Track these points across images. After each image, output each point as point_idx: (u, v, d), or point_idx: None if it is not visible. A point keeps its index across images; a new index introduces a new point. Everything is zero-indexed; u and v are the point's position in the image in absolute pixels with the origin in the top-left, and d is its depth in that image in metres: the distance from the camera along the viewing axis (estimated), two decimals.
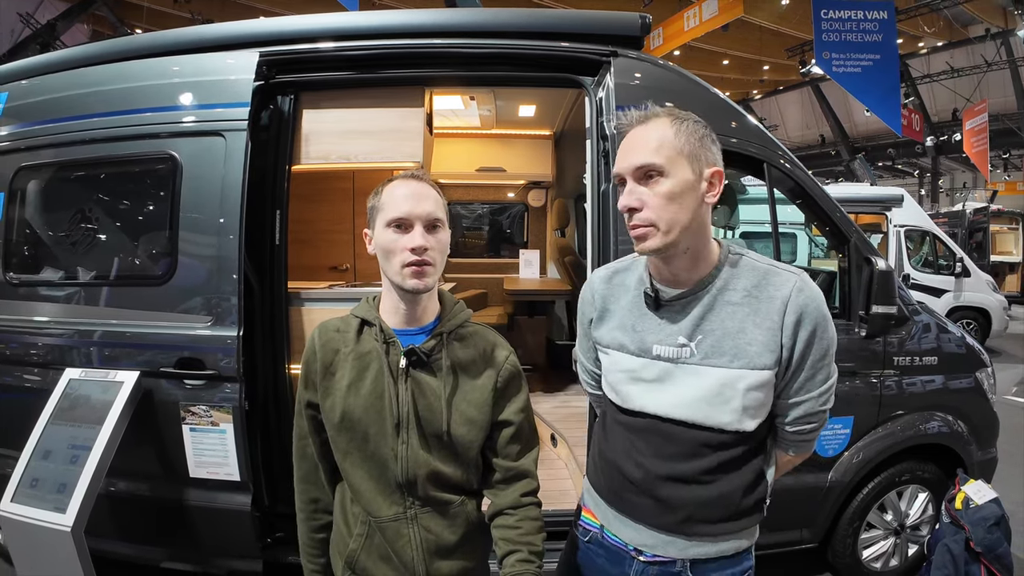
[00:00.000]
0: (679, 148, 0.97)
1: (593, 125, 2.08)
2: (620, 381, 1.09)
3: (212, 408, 1.96)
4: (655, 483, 1.06)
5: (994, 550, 2.24)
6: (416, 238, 1.04)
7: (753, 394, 0.99)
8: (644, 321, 1.06)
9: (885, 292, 2.08)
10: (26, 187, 2.25)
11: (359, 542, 1.12)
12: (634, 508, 1.09)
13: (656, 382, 1.04)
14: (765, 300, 1.00)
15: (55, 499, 1.80)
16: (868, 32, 8.60)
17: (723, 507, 1.04)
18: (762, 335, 0.99)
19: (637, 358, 1.06)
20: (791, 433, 1.07)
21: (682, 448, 1.03)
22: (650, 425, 1.06)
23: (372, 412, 1.09)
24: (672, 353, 1.03)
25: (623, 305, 1.11)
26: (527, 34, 2.10)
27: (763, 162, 2.16)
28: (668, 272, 1.04)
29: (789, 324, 0.98)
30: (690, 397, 1.01)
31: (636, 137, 1.00)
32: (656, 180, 0.97)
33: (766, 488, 1.09)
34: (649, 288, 1.05)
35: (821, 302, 1.01)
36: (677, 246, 0.99)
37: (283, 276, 2.11)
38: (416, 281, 1.05)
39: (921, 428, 2.32)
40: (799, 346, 0.99)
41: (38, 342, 2.15)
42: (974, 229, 11.42)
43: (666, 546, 1.06)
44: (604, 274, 1.16)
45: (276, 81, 2.10)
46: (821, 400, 1.04)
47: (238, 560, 2.12)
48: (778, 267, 1.03)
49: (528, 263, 4.42)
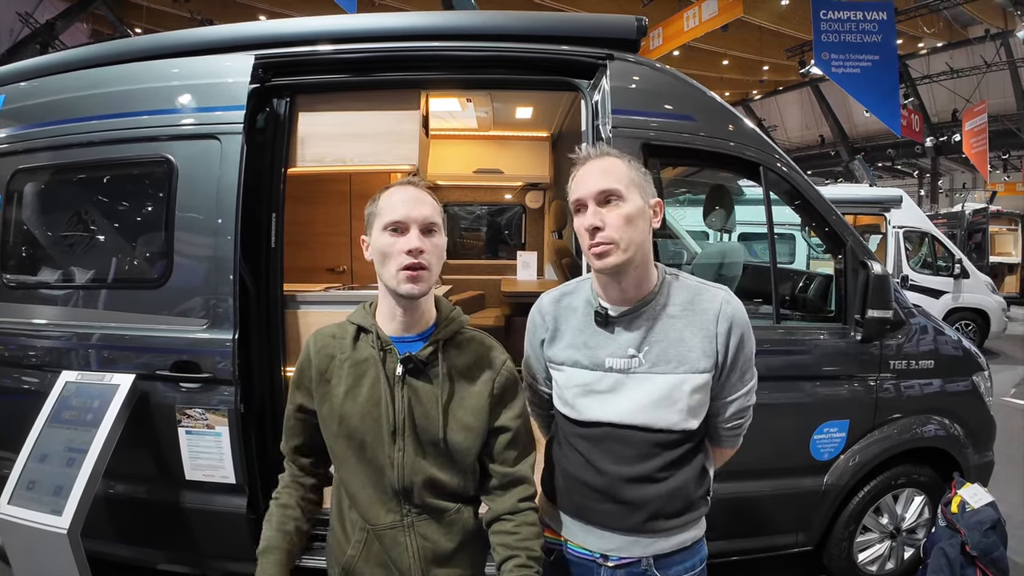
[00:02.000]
0: (631, 178, 1.11)
1: (589, 128, 2.09)
2: (576, 395, 1.18)
3: (208, 411, 1.96)
4: (618, 486, 1.14)
5: (990, 554, 2.25)
6: (412, 240, 1.06)
7: (696, 395, 1.12)
8: (595, 337, 1.16)
9: (881, 296, 2.08)
10: (23, 189, 2.25)
11: (357, 549, 1.13)
12: (599, 515, 1.17)
13: (609, 392, 1.14)
14: (699, 312, 1.14)
15: (52, 501, 1.80)
16: (867, 33, 8.60)
17: (679, 500, 1.15)
18: (699, 342, 1.12)
19: (591, 371, 1.15)
20: (726, 429, 1.22)
21: (637, 450, 1.13)
22: (606, 433, 1.15)
23: (369, 419, 1.10)
24: (623, 364, 1.13)
25: (573, 325, 1.20)
26: (523, 37, 2.10)
27: (759, 165, 2.16)
28: (617, 290, 1.14)
29: (722, 332, 1.13)
30: (641, 403, 1.12)
31: (594, 167, 1.12)
32: (616, 204, 1.09)
33: (710, 481, 1.23)
34: (599, 307, 1.15)
35: (744, 312, 1.16)
36: (632, 264, 1.10)
37: (279, 279, 2.11)
38: (411, 286, 1.06)
39: (917, 431, 2.32)
40: (731, 351, 1.14)
41: (34, 344, 2.15)
42: (973, 230, 11.42)
43: (631, 546, 1.15)
44: (552, 297, 1.26)
45: (272, 84, 2.10)
46: (749, 397, 1.20)
47: (234, 562, 2.11)
48: (706, 284, 1.19)
49: (525, 265, 4.42)
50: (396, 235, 1.07)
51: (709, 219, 2.72)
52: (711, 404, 1.17)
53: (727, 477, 2.11)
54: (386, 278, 1.08)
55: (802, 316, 2.57)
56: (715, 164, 2.30)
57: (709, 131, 2.11)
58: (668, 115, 2.09)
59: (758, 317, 2.27)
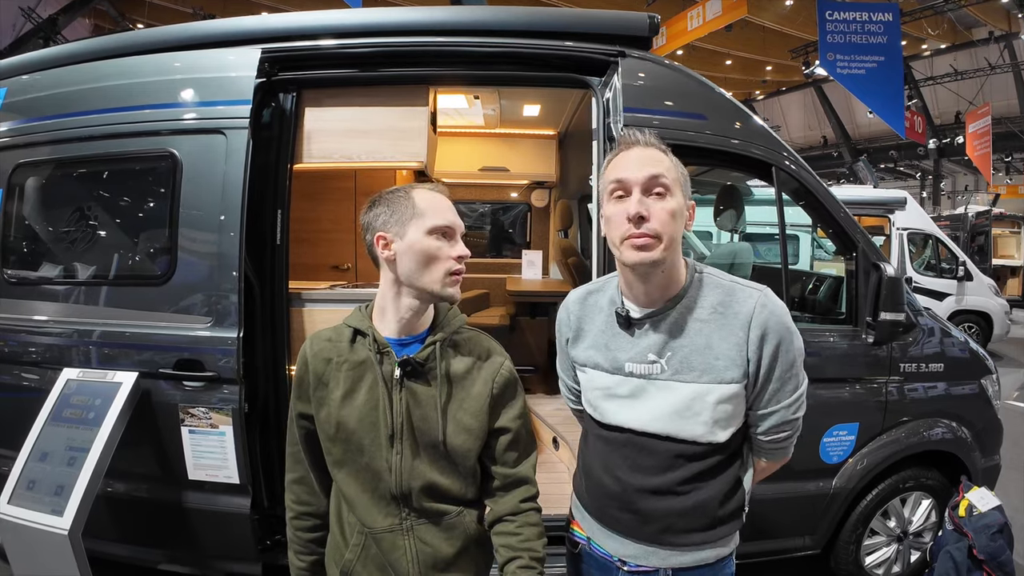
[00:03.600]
0: (677, 176, 1.05)
1: (600, 126, 2.06)
2: (597, 398, 1.14)
3: (211, 410, 1.94)
4: (632, 496, 1.10)
5: (997, 557, 2.23)
6: (462, 247, 1.11)
7: (722, 407, 1.04)
8: (616, 340, 1.11)
9: (893, 299, 2.06)
10: (24, 184, 2.22)
11: (355, 552, 1.12)
12: (616, 521, 1.13)
13: (630, 398, 1.09)
14: (731, 316, 1.04)
15: (52, 501, 1.78)
16: (873, 34, 8.59)
17: (700, 516, 1.08)
18: (728, 350, 1.03)
19: (611, 375, 1.10)
20: (766, 442, 1.12)
21: (658, 460, 1.07)
22: (627, 439, 1.10)
23: (366, 423, 1.08)
24: (643, 370, 1.07)
25: (597, 325, 1.15)
26: (533, 33, 2.08)
27: (769, 164, 2.13)
28: (641, 290, 1.07)
29: (754, 339, 1.02)
30: (662, 411, 1.06)
31: (645, 154, 1.05)
32: (664, 196, 1.02)
33: (744, 496, 1.13)
34: (620, 308, 1.09)
35: (784, 315, 1.05)
36: (664, 263, 1.04)
37: (284, 276, 2.08)
38: (455, 290, 1.10)
39: (925, 435, 2.31)
40: (765, 359, 1.03)
41: (35, 341, 2.13)
42: (976, 232, 11.39)
43: (648, 556, 1.10)
44: (578, 295, 1.21)
45: (278, 78, 2.07)
46: (792, 409, 1.09)
47: (237, 563, 2.10)
48: (741, 283, 1.08)
49: (531, 264, 4.40)
50: (444, 240, 1.08)
51: (720, 219, 2.70)
52: (748, 415, 1.09)
53: None
54: (425, 280, 1.07)
55: (811, 318, 2.55)
56: (726, 163, 2.28)
57: (720, 130, 2.09)
58: (679, 113, 2.06)
59: None
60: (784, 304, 1.07)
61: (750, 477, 1.15)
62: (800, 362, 1.07)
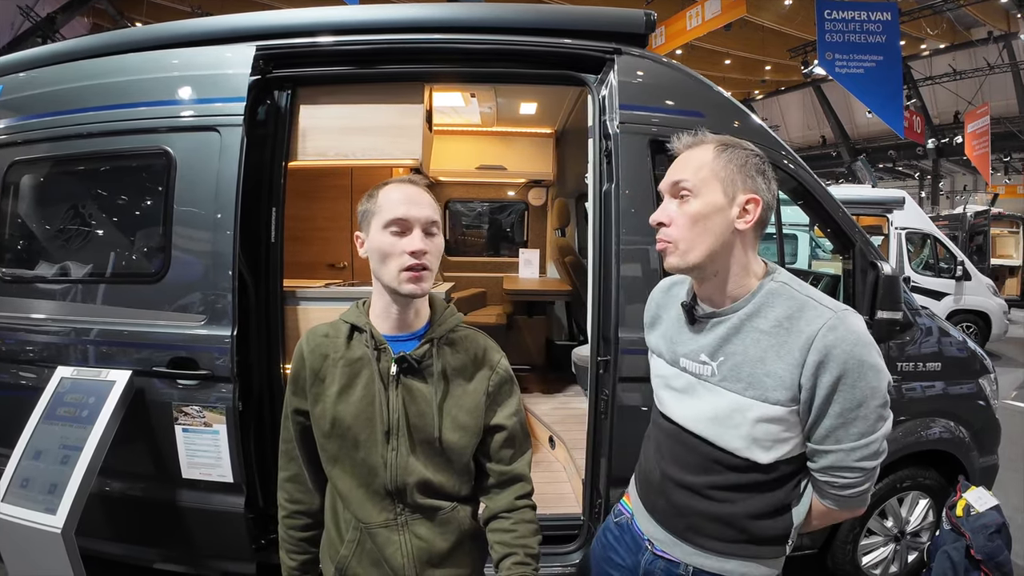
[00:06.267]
0: (715, 171, 0.99)
1: (596, 124, 2.05)
2: (658, 385, 1.18)
3: (205, 408, 1.93)
4: (668, 487, 1.12)
5: (994, 558, 2.23)
6: (416, 241, 1.05)
7: (764, 426, 0.97)
8: (680, 333, 1.12)
9: (891, 297, 2.05)
10: (19, 182, 2.21)
11: (350, 548, 1.11)
12: (653, 505, 1.16)
13: (682, 393, 1.10)
14: (794, 333, 0.95)
15: (46, 500, 1.77)
16: (871, 33, 8.59)
17: (728, 527, 1.05)
18: (782, 369, 0.95)
19: (670, 366, 1.13)
20: (822, 481, 1.02)
21: (697, 460, 1.07)
22: (675, 432, 1.12)
23: (362, 419, 1.08)
24: (695, 369, 1.07)
25: (671, 316, 1.16)
26: (529, 30, 2.06)
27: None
28: (701, 290, 1.08)
29: (811, 363, 0.93)
30: (705, 414, 1.04)
31: (682, 159, 1.05)
32: (685, 200, 1.00)
33: (788, 524, 1.04)
34: (687, 302, 1.09)
35: (858, 345, 0.92)
36: (703, 269, 1.00)
37: (278, 274, 2.07)
38: (413, 286, 1.05)
39: (923, 434, 2.30)
40: (821, 390, 0.93)
41: (29, 339, 2.12)
42: (975, 232, 11.39)
43: (673, 546, 1.12)
44: (665, 284, 1.23)
45: (273, 76, 2.06)
46: (855, 456, 0.96)
47: (231, 562, 2.09)
48: (818, 300, 0.98)
49: (528, 262, 4.39)
50: (398, 235, 1.05)
51: None
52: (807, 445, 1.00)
53: None
54: (386, 278, 1.06)
55: None
56: None
57: (717, 127, 2.07)
58: (676, 111, 2.05)
59: None
60: (867, 335, 0.94)
61: (804, 509, 1.05)
62: (877, 405, 0.94)
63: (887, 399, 0.96)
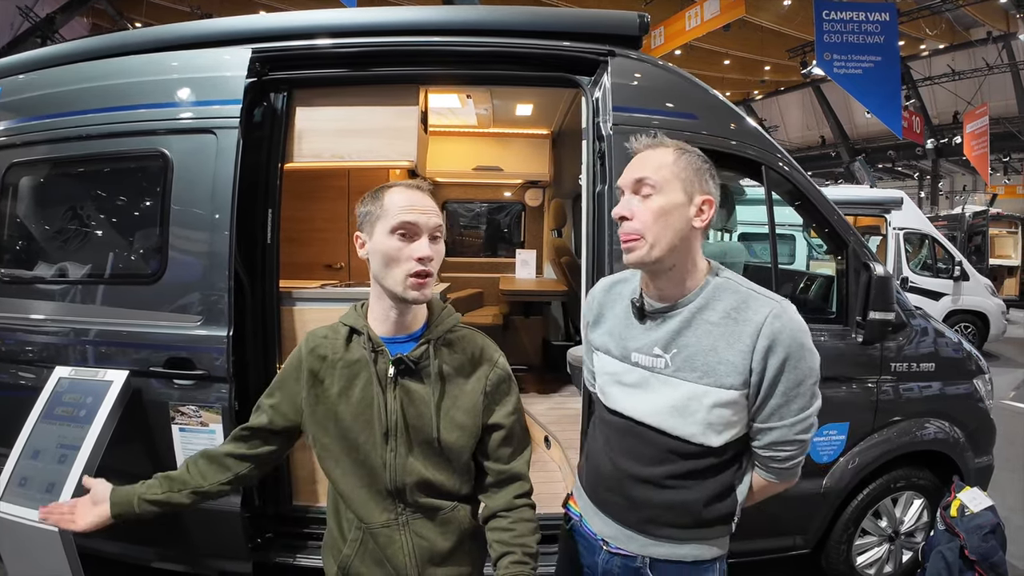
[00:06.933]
0: (676, 172, 1.05)
1: (589, 125, 2.06)
2: (606, 382, 1.19)
3: (202, 408, 1.94)
4: (623, 481, 1.14)
5: (989, 558, 2.24)
6: (423, 247, 1.05)
7: (718, 411, 1.05)
8: (629, 329, 1.15)
9: (883, 298, 2.06)
10: (18, 183, 2.22)
11: (353, 548, 1.13)
12: (606, 503, 1.18)
13: (635, 387, 1.13)
14: (741, 323, 1.04)
15: (44, 498, 1.78)
16: (870, 34, 8.59)
17: (683, 513, 1.11)
18: (733, 356, 1.03)
19: (620, 363, 1.15)
20: (766, 458, 1.11)
21: (652, 452, 1.11)
22: (628, 427, 1.14)
23: (361, 420, 1.09)
24: (648, 362, 1.11)
25: (616, 313, 1.19)
26: (523, 33, 2.08)
27: (761, 164, 2.14)
28: (655, 286, 1.11)
29: (760, 349, 1.02)
30: (661, 406, 1.09)
31: (641, 157, 1.09)
32: (649, 196, 1.04)
33: (734, 504, 1.13)
34: (636, 299, 1.13)
35: (799, 332, 1.03)
36: (663, 262, 1.05)
37: (275, 275, 2.09)
38: (418, 293, 1.05)
39: (917, 435, 2.31)
40: (769, 372, 1.03)
41: (28, 339, 2.13)
42: (973, 232, 11.39)
43: (628, 541, 1.14)
44: (606, 283, 1.25)
45: (269, 78, 2.08)
46: (796, 429, 1.07)
47: (228, 560, 2.10)
48: (759, 292, 1.08)
49: (524, 263, 4.41)
50: (405, 240, 1.05)
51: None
52: (750, 426, 1.09)
53: None
54: (389, 282, 1.06)
55: (803, 317, 2.55)
56: (717, 163, 2.25)
57: (711, 129, 2.09)
58: (670, 113, 2.06)
59: None
60: (803, 322, 1.05)
61: (745, 488, 1.14)
62: (812, 383, 1.05)
63: (819, 378, 1.07)
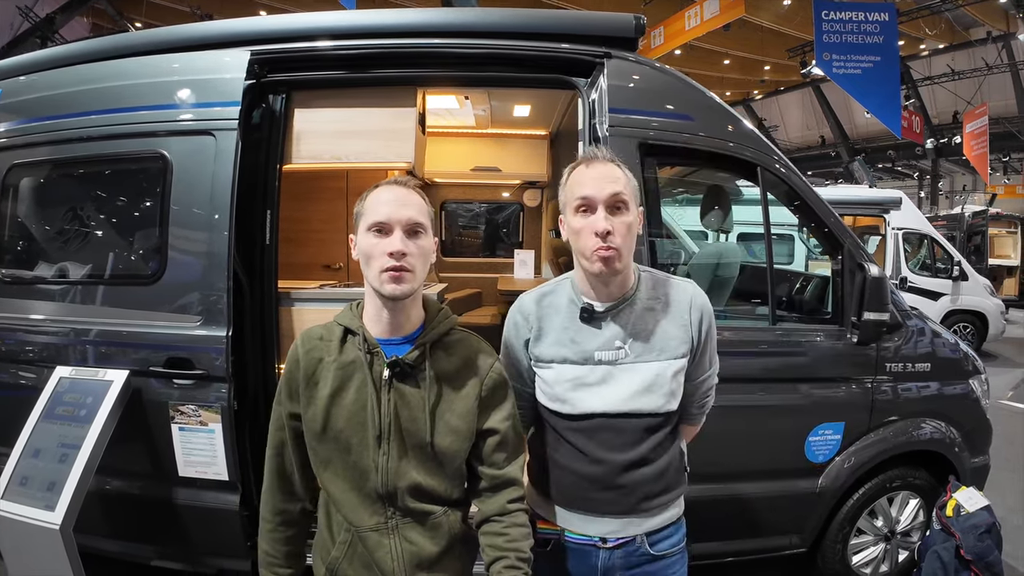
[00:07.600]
0: (632, 188, 1.18)
1: (586, 127, 2.07)
2: (567, 390, 1.22)
3: (201, 408, 1.95)
4: (614, 473, 1.20)
5: (984, 558, 2.24)
6: (395, 243, 1.05)
7: (677, 379, 1.22)
8: (581, 333, 1.21)
9: (877, 298, 2.07)
10: (18, 184, 2.24)
11: (341, 550, 1.12)
12: (596, 503, 1.22)
13: (599, 384, 1.20)
14: (674, 303, 1.24)
15: (44, 497, 1.80)
16: (869, 34, 8.58)
17: (665, 479, 1.24)
18: (677, 331, 1.22)
19: (581, 366, 1.21)
20: (698, 408, 1.34)
21: (630, 436, 1.20)
22: (600, 423, 1.20)
23: (354, 423, 1.09)
24: (611, 356, 1.20)
25: (557, 323, 1.24)
26: (520, 34, 2.08)
27: (757, 166, 2.15)
28: (605, 291, 1.20)
29: (695, 320, 1.23)
30: (631, 390, 1.19)
31: (605, 171, 1.16)
32: (622, 212, 1.14)
33: (684, 457, 1.32)
34: (585, 305, 1.21)
35: (708, 300, 1.27)
36: (626, 269, 1.19)
37: (273, 276, 2.10)
38: (393, 286, 1.05)
39: (913, 434, 2.32)
40: (703, 336, 1.24)
41: (29, 339, 2.14)
42: (972, 232, 11.39)
43: (627, 527, 1.22)
44: (533, 297, 1.29)
45: (268, 80, 2.09)
46: (715, 376, 1.33)
47: (226, 559, 2.11)
48: (673, 278, 1.29)
49: (523, 263, 4.41)
50: (380, 236, 1.06)
51: (706, 219, 2.71)
52: (686, 385, 1.26)
53: (722, 478, 2.12)
54: (370, 278, 1.08)
55: (799, 318, 2.56)
56: (713, 164, 2.30)
57: (707, 131, 2.10)
58: (666, 114, 2.08)
59: (754, 318, 2.26)
60: None
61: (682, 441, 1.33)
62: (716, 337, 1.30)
63: None
